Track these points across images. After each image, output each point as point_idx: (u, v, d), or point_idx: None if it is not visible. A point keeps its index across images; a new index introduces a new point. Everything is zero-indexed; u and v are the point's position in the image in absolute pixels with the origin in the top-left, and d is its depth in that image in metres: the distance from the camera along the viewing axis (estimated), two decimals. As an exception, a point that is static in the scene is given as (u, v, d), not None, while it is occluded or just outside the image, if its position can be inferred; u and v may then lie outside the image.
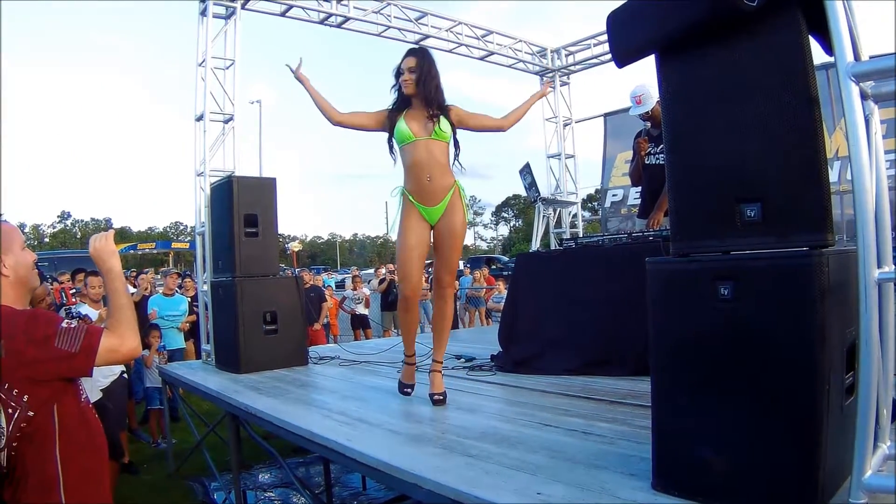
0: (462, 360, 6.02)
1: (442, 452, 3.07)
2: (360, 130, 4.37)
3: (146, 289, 9.50)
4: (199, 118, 7.16)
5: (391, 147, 4.32)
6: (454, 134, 4.25)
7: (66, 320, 2.16)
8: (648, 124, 5.88)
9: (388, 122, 4.25)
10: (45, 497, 2.07)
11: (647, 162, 5.87)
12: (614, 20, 2.52)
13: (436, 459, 2.95)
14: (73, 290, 6.24)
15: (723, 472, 2.15)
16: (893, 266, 2.10)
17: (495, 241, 78.75)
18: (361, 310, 13.72)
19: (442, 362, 4.36)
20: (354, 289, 14.23)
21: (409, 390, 4.45)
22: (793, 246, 2.12)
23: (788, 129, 2.11)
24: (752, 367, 2.12)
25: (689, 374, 2.28)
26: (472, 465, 2.83)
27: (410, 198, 4.21)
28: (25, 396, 2.01)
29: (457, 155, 4.29)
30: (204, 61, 7.12)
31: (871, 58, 2.04)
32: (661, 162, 5.56)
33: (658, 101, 5.52)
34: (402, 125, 4.16)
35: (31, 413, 2.03)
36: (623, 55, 2.52)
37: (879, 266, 1.93)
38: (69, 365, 2.09)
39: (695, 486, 2.23)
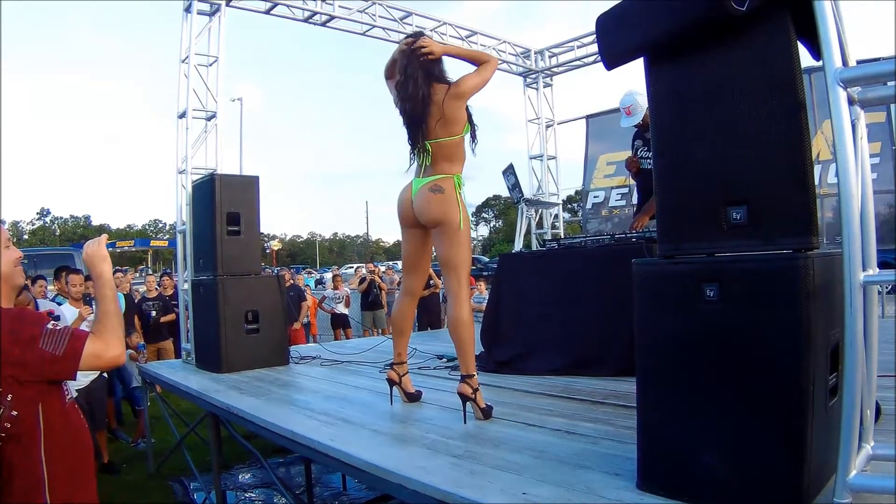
0: (444, 360, 6.02)
1: (426, 452, 3.06)
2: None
3: (125, 289, 9.43)
4: (182, 115, 7.12)
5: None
6: None
7: (51, 321, 2.13)
8: (644, 133, 5.96)
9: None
10: (30, 498, 2.05)
11: (642, 167, 6.03)
12: (603, 22, 2.53)
13: (420, 460, 2.95)
14: None
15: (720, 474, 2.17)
16: (877, 269, 2.13)
17: (475, 242, 78.81)
18: (341, 309, 13.68)
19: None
20: (335, 288, 14.17)
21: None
22: (778, 248, 2.14)
23: (775, 132, 2.12)
24: (737, 368, 2.13)
25: (675, 375, 2.29)
26: (456, 465, 2.83)
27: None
28: (9, 396, 1.99)
29: None
30: (187, 58, 7.08)
31: (858, 63, 2.07)
32: (649, 166, 5.66)
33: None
34: None
35: (14, 413, 2.00)
36: (612, 58, 2.53)
37: (864, 269, 1.95)
38: (52, 368, 2.06)
39: (680, 487, 2.25)
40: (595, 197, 15.07)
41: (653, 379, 2.38)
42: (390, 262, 33.84)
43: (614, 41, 2.52)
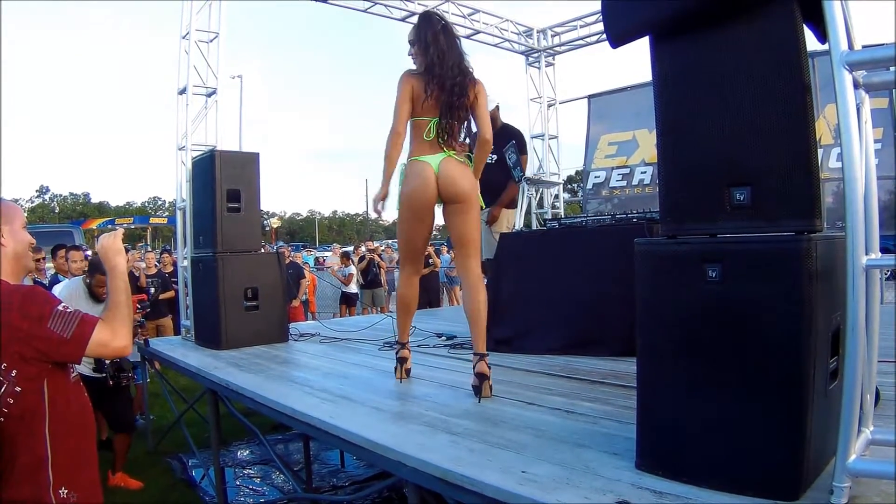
0: (443, 338, 6.04)
1: (426, 430, 3.08)
2: None
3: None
4: (182, 91, 7.08)
5: None
6: None
7: (62, 303, 2.15)
8: None
9: None
10: (33, 477, 2.05)
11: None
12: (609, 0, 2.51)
13: (420, 437, 2.96)
14: None
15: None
16: (879, 253, 2.13)
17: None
18: (353, 288, 13.84)
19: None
20: (343, 265, 14.32)
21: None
22: (781, 230, 2.13)
23: (780, 115, 2.12)
24: (738, 349, 2.14)
25: (675, 356, 2.29)
26: (456, 442, 2.85)
27: None
28: (14, 371, 1.99)
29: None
30: (188, 34, 7.03)
31: (864, 47, 2.05)
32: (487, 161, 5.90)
33: (496, 107, 6.04)
34: None
35: (18, 388, 2.00)
36: (617, 36, 2.51)
37: (867, 253, 1.95)
38: (58, 349, 2.07)
39: (679, 467, 2.26)
40: (596, 177, 14.99)
41: (653, 359, 2.38)
42: (389, 241, 33.86)
43: (620, 19, 2.50)
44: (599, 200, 15.06)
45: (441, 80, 3.86)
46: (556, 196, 11.52)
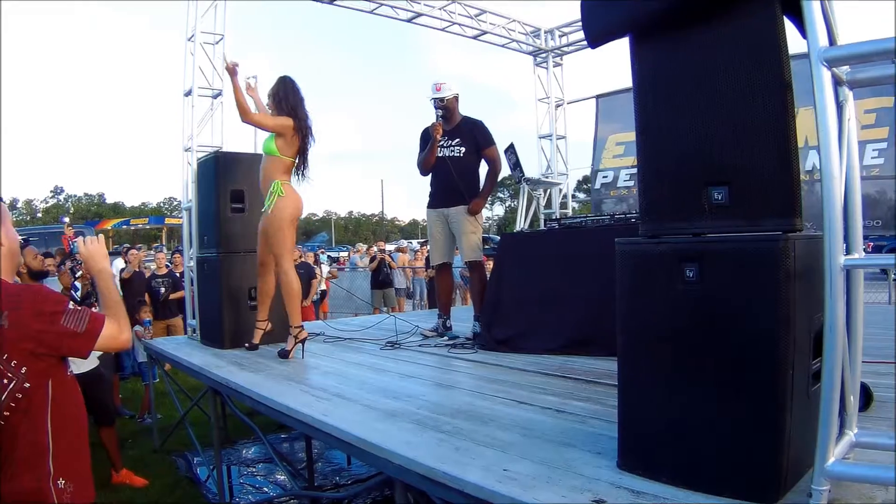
0: (445, 337, 6.06)
1: (414, 428, 3.09)
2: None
3: (136, 265, 9.57)
4: (188, 93, 7.12)
5: None
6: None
7: (71, 301, 2.26)
8: (441, 112, 6.07)
9: None
10: (34, 469, 2.11)
11: (438, 154, 6.13)
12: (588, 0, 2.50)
13: (408, 435, 2.98)
14: None
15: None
16: (863, 253, 2.11)
17: (490, 221, 78.12)
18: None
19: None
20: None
21: None
22: (760, 230, 2.12)
23: (759, 113, 2.10)
24: (716, 349, 2.13)
25: (656, 355, 2.29)
26: (443, 441, 2.86)
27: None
28: (24, 368, 2.06)
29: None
30: (193, 36, 7.06)
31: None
32: (454, 154, 6.08)
33: (455, 97, 6.07)
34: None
35: (27, 385, 2.07)
36: (595, 36, 2.51)
37: (849, 252, 1.94)
38: (70, 343, 2.15)
39: (658, 467, 2.26)
40: (604, 177, 14.94)
41: (633, 359, 2.39)
42: (404, 242, 33.98)
43: (598, 19, 2.49)
44: (614, 200, 15.03)
45: (301, 129, 5.33)
46: (565, 196, 11.48)
